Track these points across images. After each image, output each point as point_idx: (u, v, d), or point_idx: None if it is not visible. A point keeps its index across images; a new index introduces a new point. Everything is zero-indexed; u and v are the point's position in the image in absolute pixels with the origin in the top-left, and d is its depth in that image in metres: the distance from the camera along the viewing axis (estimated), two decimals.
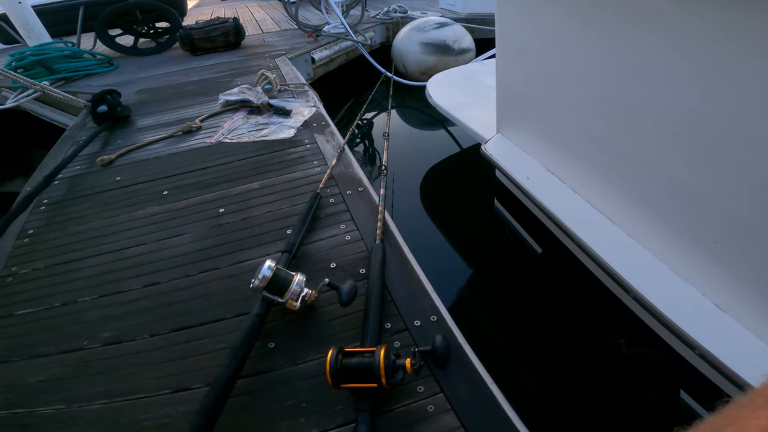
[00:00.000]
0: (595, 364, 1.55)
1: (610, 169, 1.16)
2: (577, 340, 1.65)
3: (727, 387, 0.90)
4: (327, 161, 1.78)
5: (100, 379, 1.00)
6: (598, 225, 1.19)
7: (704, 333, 0.89)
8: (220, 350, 1.02)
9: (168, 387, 0.96)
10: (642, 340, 1.16)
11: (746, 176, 0.80)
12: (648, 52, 0.92)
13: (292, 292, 1.01)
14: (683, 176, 0.93)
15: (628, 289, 1.05)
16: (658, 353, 1.11)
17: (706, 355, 0.88)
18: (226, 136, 2.11)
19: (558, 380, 1.58)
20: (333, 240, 1.33)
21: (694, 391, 1.06)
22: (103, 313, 1.18)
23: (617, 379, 1.45)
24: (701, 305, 0.93)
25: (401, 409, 0.86)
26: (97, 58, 3.97)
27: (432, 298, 1.09)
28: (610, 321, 1.39)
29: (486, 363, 0.94)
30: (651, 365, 1.25)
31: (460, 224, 2.51)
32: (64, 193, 1.81)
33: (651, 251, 1.06)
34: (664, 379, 1.19)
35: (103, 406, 0.94)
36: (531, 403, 1.47)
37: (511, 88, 1.56)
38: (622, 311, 1.18)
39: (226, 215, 1.52)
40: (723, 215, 0.87)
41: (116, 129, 2.43)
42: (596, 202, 1.23)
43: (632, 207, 1.11)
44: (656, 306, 0.98)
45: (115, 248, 1.42)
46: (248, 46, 4.29)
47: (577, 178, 1.30)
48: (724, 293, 0.91)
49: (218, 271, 1.27)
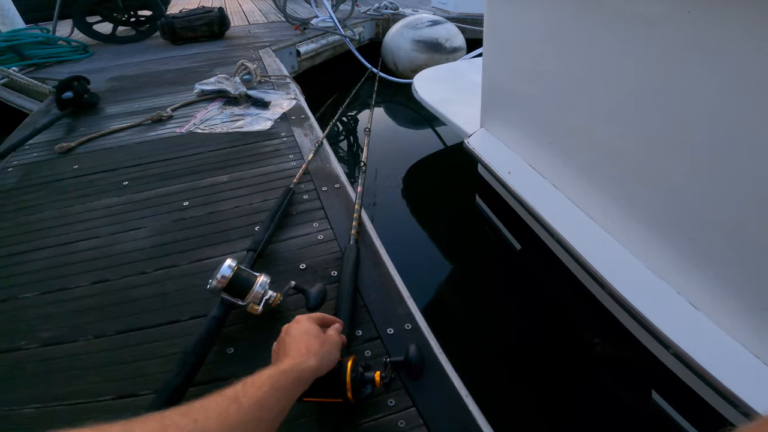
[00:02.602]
0: (572, 369, 1.51)
1: (590, 166, 1.17)
2: (554, 342, 1.62)
3: (699, 386, 0.91)
4: (303, 155, 1.69)
5: (36, 382, 0.90)
6: (578, 221, 1.20)
7: (678, 331, 0.89)
8: (172, 355, 0.93)
9: (111, 393, 0.87)
10: (616, 340, 1.18)
11: (723, 175, 0.81)
12: (630, 52, 0.94)
13: (254, 294, 0.92)
14: (660, 175, 0.95)
15: (603, 285, 1.05)
16: (631, 353, 1.12)
17: (679, 354, 0.88)
18: (198, 126, 2.00)
19: (535, 388, 1.53)
20: (304, 239, 1.25)
21: (666, 391, 1.07)
22: (45, 311, 1.07)
23: (593, 382, 1.43)
24: (676, 303, 0.93)
25: (370, 424, 0.78)
26: (72, 45, 3.82)
27: (407, 305, 1.01)
28: (585, 319, 1.39)
29: (462, 373, 0.88)
30: (624, 365, 1.26)
31: (440, 222, 2.48)
32: (17, 181, 1.68)
33: (628, 248, 1.07)
34: (636, 378, 1.21)
35: (36, 410, 0.84)
36: (508, 415, 1.41)
37: (496, 83, 1.56)
38: (598, 309, 1.19)
39: (190, 209, 1.41)
40: (698, 214, 0.88)
41: (81, 116, 2.29)
42: (576, 199, 1.24)
43: (611, 204, 1.12)
44: (631, 303, 0.97)
45: (64, 241, 1.30)
46: (232, 37, 4.17)
47: (558, 174, 1.31)
48: (698, 292, 0.91)
49: (176, 269, 1.17)
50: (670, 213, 0.95)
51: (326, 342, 0.67)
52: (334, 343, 0.69)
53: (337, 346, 0.69)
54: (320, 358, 0.63)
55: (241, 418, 0.47)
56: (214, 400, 0.48)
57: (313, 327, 0.69)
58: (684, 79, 0.83)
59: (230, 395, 0.49)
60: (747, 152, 0.76)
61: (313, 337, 0.66)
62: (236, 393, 0.50)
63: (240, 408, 0.48)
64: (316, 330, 0.68)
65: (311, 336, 0.66)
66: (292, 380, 0.57)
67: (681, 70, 0.84)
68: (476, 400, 0.83)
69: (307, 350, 0.63)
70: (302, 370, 0.59)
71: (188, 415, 0.45)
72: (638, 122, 0.97)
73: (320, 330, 0.69)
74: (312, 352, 0.63)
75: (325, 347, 0.66)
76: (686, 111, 0.85)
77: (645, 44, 0.90)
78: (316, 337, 0.66)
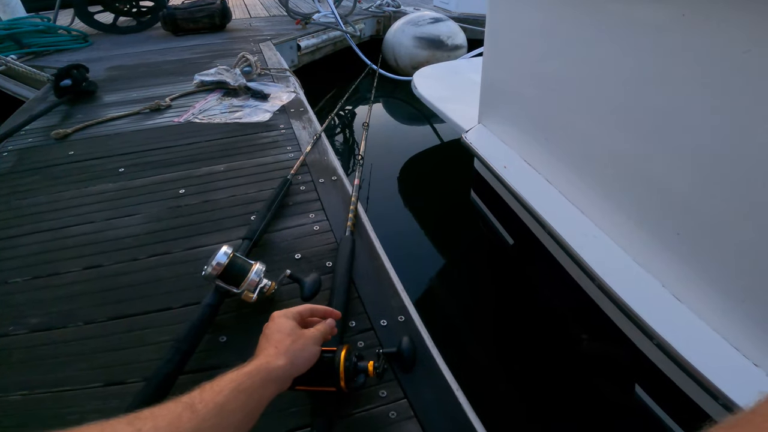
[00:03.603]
0: (561, 365, 1.52)
1: (582, 162, 1.21)
2: (543, 338, 1.63)
3: (680, 378, 0.94)
4: (301, 148, 1.68)
5: (23, 369, 0.89)
6: (569, 215, 1.23)
7: (661, 322, 0.92)
8: (163, 342, 0.92)
9: (99, 380, 0.86)
10: (602, 334, 1.21)
11: (708, 173, 0.84)
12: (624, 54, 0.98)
13: (249, 282, 0.91)
14: (648, 172, 0.98)
15: (593, 278, 1.07)
16: (616, 347, 1.16)
17: (662, 344, 0.90)
18: (197, 116, 1.99)
19: (523, 383, 1.54)
20: (300, 229, 1.24)
21: (648, 385, 1.10)
22: (35, 296, 1.05)
23: (580, 377, 1.44)
24: (661, 295, 0.97)
25: (361, 414, 0.78)
26: (72, 34, 3.79)
27: (401, 297, 1.01)
28: (574, 313, 1.42)
29: (453, 366, 0.88)
30: (609, 359, 1.29)
31: (435, 216, 2.50)
32: (12, 165, 1.66)
33: (617, 242, 1.10)
34: (620, 372, 1.23)
35: (23, 397, 0.83)
36: (497, 410, 1.42)
37: (495, 80, 1.60)
38: (585, 301, 1.22)
39: (186, 197, 1.40)
40: (684, 210, 0.91)
41: (79, 104, 2.27)
42: (569, 193, 1.27)
43: (602, 199, 1.15)
44: (618, 294, 1.00)
45: (57, 226, 1.29)
46: (233, 30, 4.14)
47: (552, 170, 1.34)
48: (682, 284, 0.95)
49: (170, 255, 1.16)
50: (657, 208, 0.98)
51: (299, 339, 0.64)
52: (309, 338, 0.66)
53: (314, 341, 0.66)
54: (290, 356, 0.61)
55: (196, 425, 0.44)
56: (167, 407, 0.45)
57: (286, 324, 0.66)
58: (676, 79, 0.86)
59: (185, 401, 0.47)
60: (734, 150, 0.78)
61: (285, 335, 0.63)
62: (192, 399, 0.47)
63: (195, 414, 0.45)
64: (290, 327, 0.65)
65: (283, 334, 0.63)
66: (260, 381, 0.55)
67: (673, 71, 0.86)
68: (466, 393, 0.83)
69: (275, 349, 0.61)
70: (270, 370, 0.57)
71: (133, 425, 0.42)
72: (629, 123, 1.01)
73: (295, 326, 0.66)
74: (281, 351, 0.61)
75: (297, 344, 0.63)
76: (676, 111, 0.88)
77: (638, 45, 0.93)
78: (288, 335, 0.64)
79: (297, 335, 0.65)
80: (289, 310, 0.70)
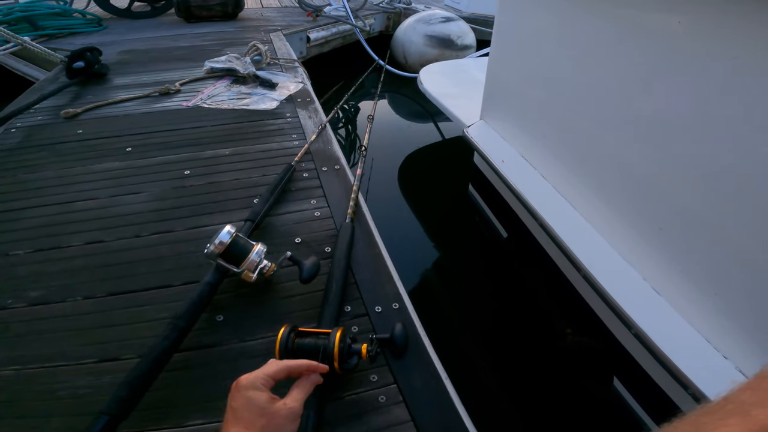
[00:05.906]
0: (546, 357, 1.55)
1: (577, 160, 1.26)
2: (530, 330, 1.66)
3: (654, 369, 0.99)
4: (306, 136, 1.69)
5: (19, 343, 0.89)
6: (561, 209, 1.28)
7: (639, 312, 0.97)
8: (161, 319, 0.92)
9: (94, 356, 0.86)
10: (586, 326, 1.25)
11: (694, 172, 0.89)
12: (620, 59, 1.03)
13: (250, 261, 0.93)
14: (636, 170, 1.03)
15: (579, 268, 1.12)
16: (598, 341, 1.21)
17: (639, 334, 0.95)
18: (205, 101, 2.00)
19: (510, 374, 1.56)
20: (301, 214, 1.25)
21: (626, 378, 1.15)
22: (35, 269, 1.06)
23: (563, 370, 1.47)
24: (640, 288, 1.02)
25: (352, 397, 0.79)
26: (86, 17, 3.81)
27: (396, 285, 1.02)
28: (559, 305, 1.48)
29: (442, 355, 0.89)
30: (591, 352, 1.35)
31: (433, 209, 2.53)
32: (20, 141, 1.68)
33: (604, 236, 1.15)
34: (600, 365, 1.29)
35: (16, 372, 0.83)
36: (482, 399, 1.44)
37: (499, 78, 1.65)
38: (570, 291, 1.28)
39: (190, 178, 1.41)
40: (667, 207, 0.96)
41: (89, 85, 2.29)
42: (562, 189, 1.32)
43: (592, 195, 1.20)
44: (601, 284, 1.05)
45: (62, 200, 1.30)
46: (245, 19, 4.16)
47: (548, 166, 1.40)
48: (661, 278, 1.00)
49: (172, 234, 1.17)
50: (643, 205, 1.03)
51: (273, 419, 0.56)
52: (285, 416, 0.57)
53: (291, 418, 0.58)
54: None
55: None
56: None
57: (258, 399, 0.56)
58: (667, 82, 0.90)
59: None
60: (720, 150, 0.82)
61: (256, 415, 0.55)
62: None
63: None
64: (262, 402, 0.56)
65: (253, 413, 0.55)
66: None
67: (665, 74, 0.91)
68: (453, 382, 0.84)
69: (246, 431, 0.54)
70: None
71: None
72: (622, 125, 1.05)
73: (268, 401, 0.57)
74: None
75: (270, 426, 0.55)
76: (667, 111, 0.91)
77: (635, 49, 0.98)
78: (260, 414, 0.55)
79: (271, 413, 0.56)
80: (259, 376, 0.59)
